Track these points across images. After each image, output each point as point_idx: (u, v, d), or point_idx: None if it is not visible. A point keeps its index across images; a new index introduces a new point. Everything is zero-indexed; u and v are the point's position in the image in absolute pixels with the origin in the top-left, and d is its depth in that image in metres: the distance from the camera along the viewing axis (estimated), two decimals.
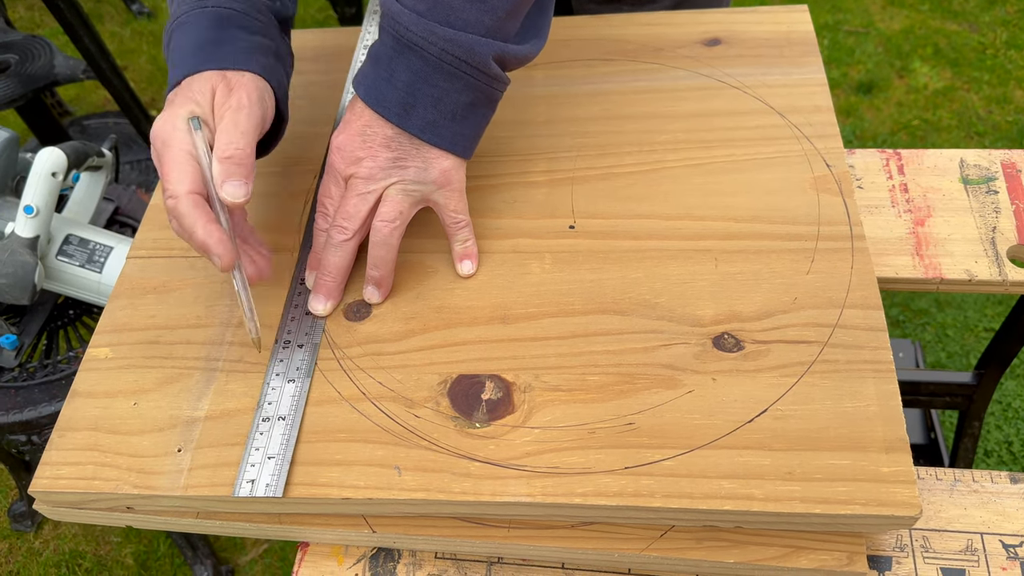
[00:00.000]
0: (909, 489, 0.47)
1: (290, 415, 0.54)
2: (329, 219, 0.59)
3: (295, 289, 0.61)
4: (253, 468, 0.52)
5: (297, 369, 0.56)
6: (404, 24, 0.53)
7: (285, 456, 0.52)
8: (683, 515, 0.49)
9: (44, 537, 1.47)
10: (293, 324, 0.59)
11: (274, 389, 0.55)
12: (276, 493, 0.50)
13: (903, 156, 0.73)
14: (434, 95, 0.55)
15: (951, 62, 2.19)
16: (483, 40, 0.54)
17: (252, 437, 0.53)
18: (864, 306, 0.55)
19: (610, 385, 0.54)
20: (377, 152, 0.56)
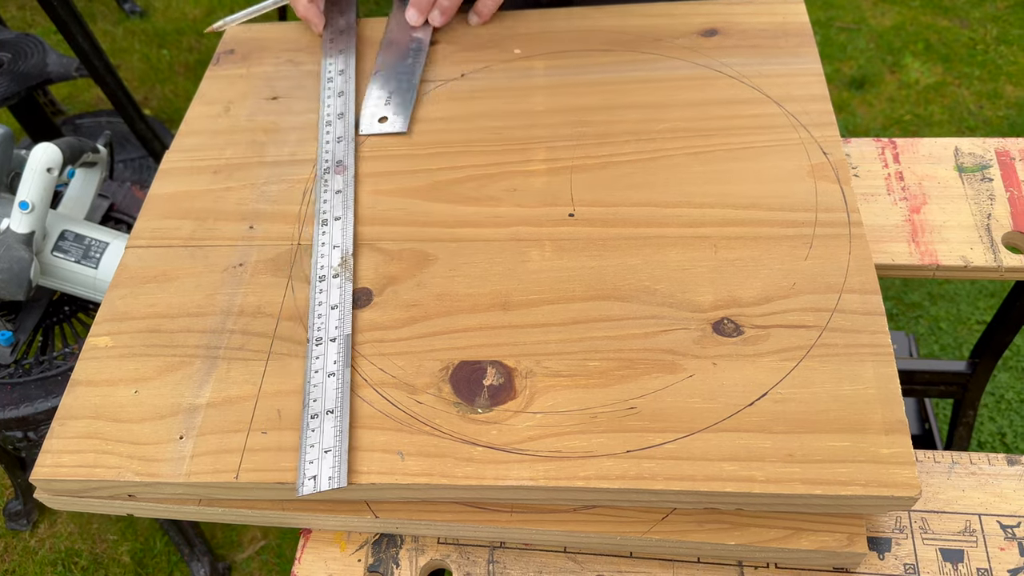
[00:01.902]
0: (908, 470, 0.48)
1: (337, 407, 0.53)
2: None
3: (316, 286, 0.61)
4: (312, 464, 0.51)
5: (335, 363, 0.56)
6: None
7: (341, 447, 0.52)
8: (685, 498, 0.49)
9: (40, 536, 1.47)
10: (320, 320, 0.58)
11: (316, 386, 0.55)
12: (340, 484, 0.50)
13: (898, 145, 0.73)
14: None
15: (942, 57, 2.20)
16: None
17: (304, 435, 0.53)
18: (862, 291, 0.56)
19: (611, 370, 0.54)
20: None
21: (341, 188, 0.64)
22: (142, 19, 2.61)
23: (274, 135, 0.72)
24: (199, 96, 0.78)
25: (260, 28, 0.84)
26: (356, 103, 0.72)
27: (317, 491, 0.50)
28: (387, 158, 0.69)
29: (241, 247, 0.64)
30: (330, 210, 0.63)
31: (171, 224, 0.66)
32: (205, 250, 0.64)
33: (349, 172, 0.65)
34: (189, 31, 2.54)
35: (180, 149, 0.73)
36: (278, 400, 0.55)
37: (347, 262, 0.60)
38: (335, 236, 0.62)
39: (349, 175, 0.65)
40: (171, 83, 2.36)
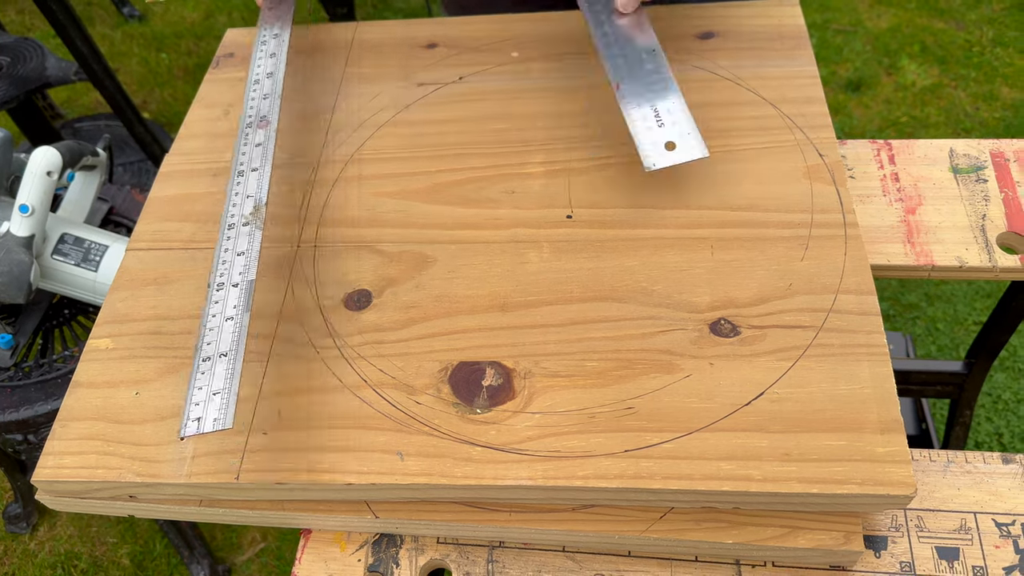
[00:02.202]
0: (904, 468, 0.48)
1: (232, 350, 0.52)
2: None
3: (224, 233, 0.59)
4: (198, 407, 0.50)
5: (235, 307, 0.54)
6: None
7: (231, 389, 0.50)
8: (682, 497, 0.50)
9: (39, 539, 1.47)
10: (224, 267, 0.57)
11: (212, 330, 0.54)
12: (226, 425, 0.49)
13: (894, 146, 0.74)
14: None
15: (938, 59, 2.21)
16: None
17: (193, 378, 0.51)
18: (858, 291, 0.56)
19: (609, 371, 0.54)
20: None
21: (262, 142, 0.65)
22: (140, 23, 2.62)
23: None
24: (199, 99, 0.78)
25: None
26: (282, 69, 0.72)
27: (200, 432, 0.49)
28: (385, 160, 0.69)
29: None
30: (248, 162, 0.63)
31: (171, 227, 0.67)
32: (205, 252, 0.65)
33: (272, 127, 0.65)
34: (188, 35, 2.55)
35: (180, 152, 0.73)
36: (278, 401, 0.55)
37: (259, 211, 0.59)
38: (250, 186, 0.62)
39: (272, 129, 0.65)
40: (170, 87, 2.36)
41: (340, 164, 0.69)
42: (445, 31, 0.81)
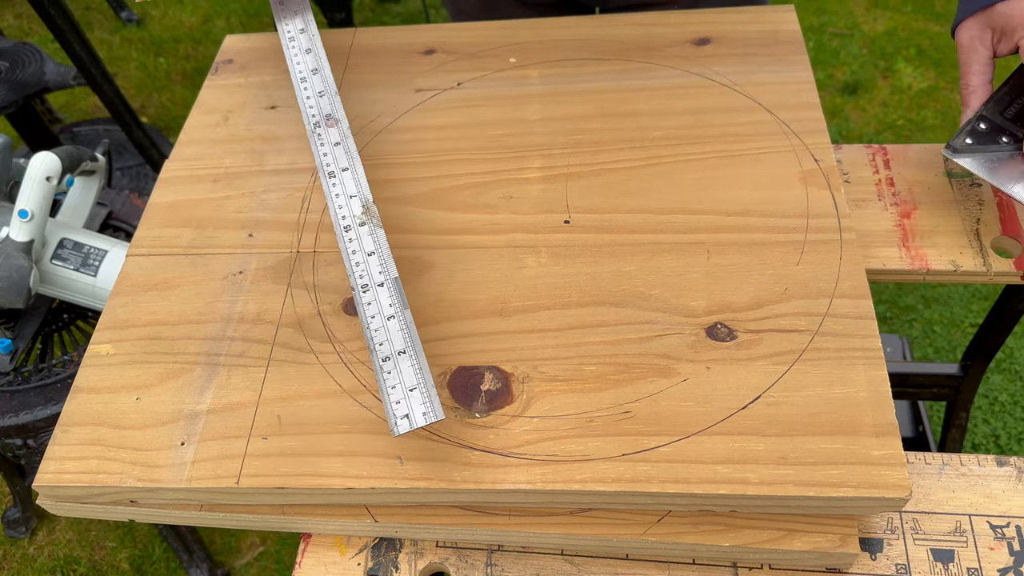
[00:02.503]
0: (899, 471, 0.49)
1: (409, 347, 0.52)
2: None
3: (343, 236, 0.59)
4: (400, 404, 0.50)
5: (391, 305, 0.55)
6: None
7: (427, 382, 0.51)
8: (680, 500, 0.50)
9: (38, 543, 1.47)
10: (360, 268, 0.57)
11: (378, 330, 0.54)
12: (438, 416, 0.49)
13: (889, 151, 0.74)
14: None
15: (935, 62, 2.22)
16: None
17: (381, 378, 0.51)
18: (853, 296, 0.57)
19: (607, 375, 0.55)
20: None
21: (340, 140, 0.65)
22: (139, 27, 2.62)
23: (273, 144, 0.73)
24: (198, 105, 0.78)
25: (259, 38, 0.85)
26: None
27: (414, 428, 0.49)
28: (384, 166, 0.70)
29: (241, 255, 0.65)
30: (334, 162, 0.63)
31: (171, 232, 0.67)
32: (205, 258, 0.65)
33: (343, 124, 0.65)
34: (186, 39, 2.55)
35: (179, 158, 0.73)
36: (278, 406, 0.56)
37: (370, 209, 0.59)
38: (348, 186, 0.62)
39: (344, 127, 0.65)
40: (168, 91, 2.36)
41: None
42: (443, 37, 0.81)
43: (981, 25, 0.68)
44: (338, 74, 0.79)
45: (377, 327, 0.54)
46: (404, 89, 0.77)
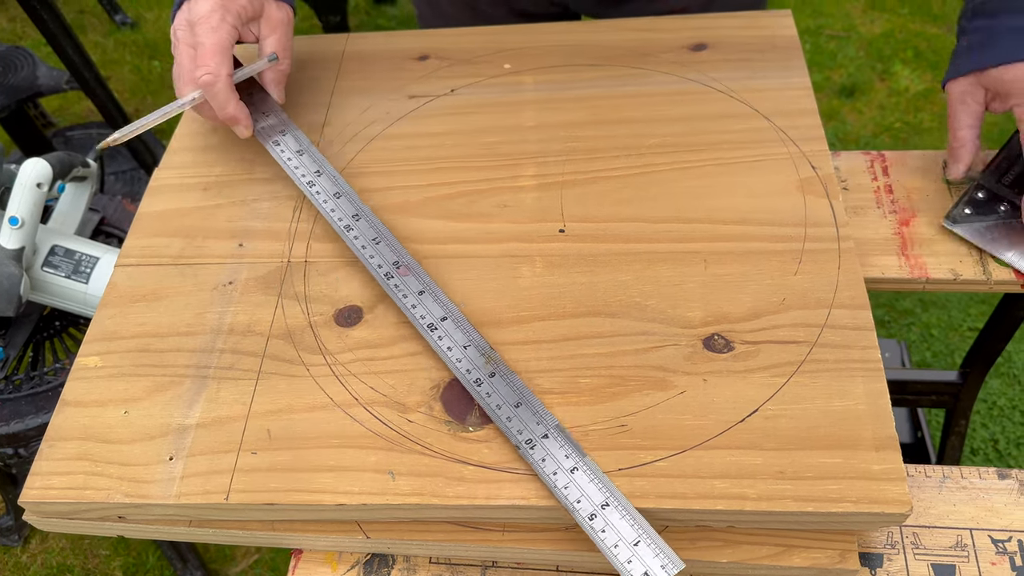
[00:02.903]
0: (899, 486, 0.48)
1: (610, 498, 0.48)
2: None
3: (479, 390, 0.53)
4: (632, 564, 0.46)
5: (567, 457, 0.50)
6: None
7: (647, 531, 0.47)
8: (677, 515, 0.49)
9: (31, 551, 1.46)
10: (514, 423, 0.51)
11: (567, 487, 0.49)
12: (679, 566, 0.46)
13: (887, 158, 0.74)
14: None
15: (932, 65, 2.21)
16: None
17: (598, 539, 0.47)
18: (852, 306, 0.56)
19: (602, 387, 0.54)
20: None
21: (423, 288, 0.58)
22: (133, 30, 2.61)
23: (264, 152, 0.72)
24: (188, 112, 0.77)
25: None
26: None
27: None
28: (377, 174, 0.69)
29: (231, 265, 0.64)
30: (431, 314, 0.57)
31: (160, 242, 0.66)
32: (195, 268, 0.64)
33: (415, 268, 0.60)
34: None
35: (169, 166, 0.72)
36: (268, 420, 0.55)
37: (491, 356, 0.55)
38: (457, 337, 0.56)
39: (412, 266, 0.60)
40: (162, 95, 2.35)
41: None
42: (437, 43, 0.80)
43: (973, 83, 0.67)
44: (330, 80, 0.78)
45: (565, 484, 0.49)
46: (397, 95, 0.76)
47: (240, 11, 0.66)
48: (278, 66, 0.70)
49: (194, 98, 0.65)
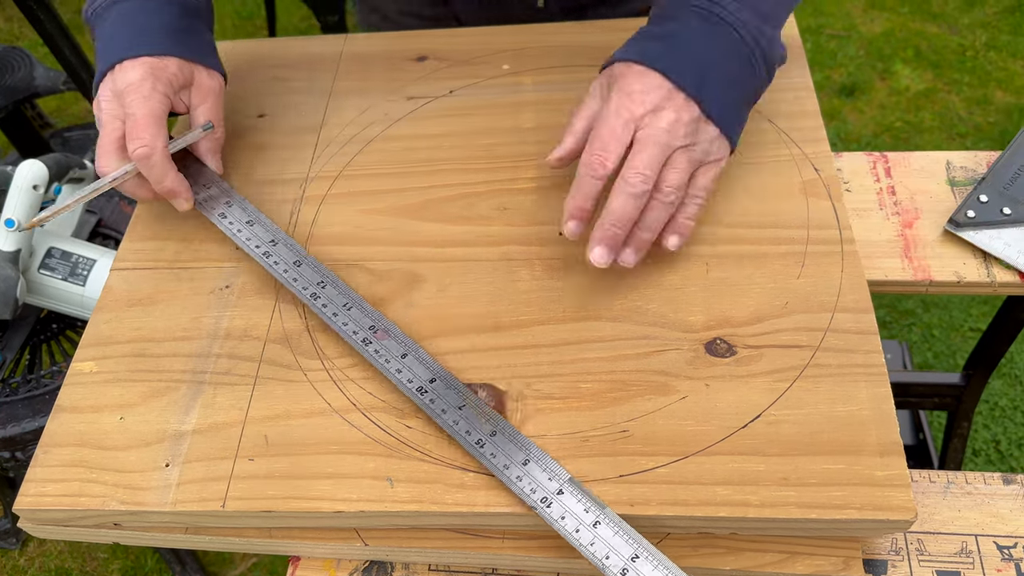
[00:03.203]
0: (904, 493, 0.47)
1: (641, 548, 0.46)
2: (608, 161, 0.55)
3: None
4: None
5: (587, 511, 0.47)
6: (723, 4, 0.56)
7: (664, 563, 0.46)
8: (678, 523, 0.49)
9: (29, 554, 1.45)
10: (524, 483, 0.49)
11: (593, 543, 0.46)
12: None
13: (890, 159, 0.73)
14: (729, 78, 0.57)
15: (932, 64, 2.21)
16: (779, 39, 0.59)
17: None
18: (855, 310, 0.55)
19: (603, 392, 0.53)
20: (682, 108, 0.55)
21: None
22: None
23: (260, 153, 0.72)
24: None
25: (246, 44, 0.83)
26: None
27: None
28: (375, 176, 0.68)
29: (228, 268, 0.63)
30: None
31: (156, 245, 0.66)
32: (191, 272, 0.63)
33: (394, 331, 0.56)
34: None
35: None
36: (265, 426, 0.54)
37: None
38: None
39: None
40: None
41: (329, 180, 0.68)
42: (435, 44, 0.80)
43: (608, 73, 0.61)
44: (328, 82, 0.77)
45: (590, 540, 0.47)
46: (396, 97, 0.75)
47: (171, 79, 0.62)
48: (213, 135, 0.66)
49: (127, 171, 0.61)
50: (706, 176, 0.58)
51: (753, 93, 0.60)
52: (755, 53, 0.57)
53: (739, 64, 0.57)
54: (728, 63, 0.57)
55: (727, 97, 0.57)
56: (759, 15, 0.57)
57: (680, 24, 0.57)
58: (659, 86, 0.55)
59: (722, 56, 0.57)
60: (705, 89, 0.55)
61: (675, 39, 0.57)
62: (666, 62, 0.56)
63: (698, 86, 0.55)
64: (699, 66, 0.56)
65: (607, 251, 0.55)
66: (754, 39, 0.57)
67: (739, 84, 0.58)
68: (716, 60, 0.56)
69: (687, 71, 0.55)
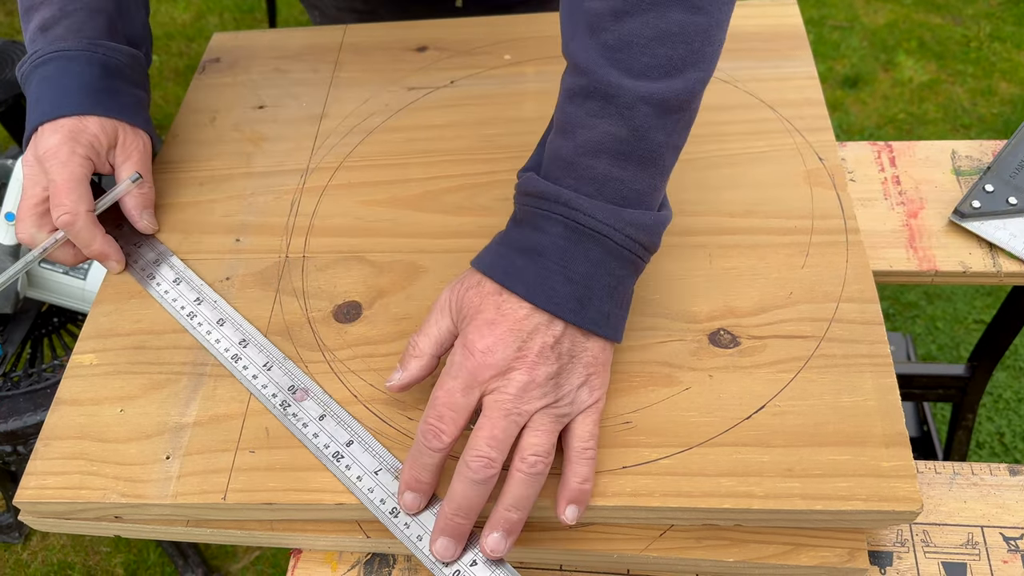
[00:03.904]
0: (910, 484, 0.47)
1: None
2: (446, 435, 0.46)
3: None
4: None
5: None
6: (583, 210, 0.46)
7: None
8: (682, 514, 0.48)
9: (32, 548, 1.45)
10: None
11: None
12: None
13: (895, 148, 0.72)
14: (610, 284, 0.47)
15: (936, 55, 2.20)
16: (659, 215, 0.49)
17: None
18: (860, 300, 0.55)
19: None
20: (536, 366, 0.46)
21: (324, 412, 0.54)
22: None
23: (261, 145, 0.71)
24: (185, 105, 0.76)
25: (246, 36, 0.83)
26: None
27: None
28: (375, 167, 0.68)
29: (228, 260, 0.63)
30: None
31: (157, 237, 0.65)
32: (192, 263, 0.63)
33: (314, 389, 0.54)
34: (178, 36, 2.53)
35: (165, 160, 0.71)
36: (266, 418, 0.54)
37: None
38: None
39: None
40: (160, 88, 2.34)
41: (329, 171, 0.68)
42: (436, 34, 0.79)
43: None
44: (328, 72, 0.77)
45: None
46: (396, 87, 0.74)
47: (91, 141, 0.60)
48: (140, 190, 0.63)
49: (56, 240, 0.60)
50: (585, 424, 0.48)
51: (634, 282, 0.50)
52: (632, 249, 0.48)
53: (618, 267, 0.48)
54: (603, 275, 0.47)
55: (605, 308, 0.48)
56: (623, 199, 0.47)
57: (544, 236, 0.47)
58: (510, 331, 0.46)
59: (595, 267, 0.47)
60: (582, 313, 0.47)
61: (540, 257, 0.47)
62: (528, 287, 0.46)
63: (574, 311, 0.46)
64: (571, 287, 0.46)
65: (452, 543, 0.47)
66: (628, 237, 0.47)
67: (619, 290, 0.48)
68: (590, 273, 0.47)
69: (556, 296, 0.46)
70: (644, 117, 0.46)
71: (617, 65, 0.46)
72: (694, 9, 0.46)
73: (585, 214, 0.46)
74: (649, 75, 0.46)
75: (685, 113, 0.48)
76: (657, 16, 0.46)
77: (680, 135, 0.49)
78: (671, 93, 0.46)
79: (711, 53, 0.48)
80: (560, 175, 0.48)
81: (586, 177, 0.47)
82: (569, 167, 0.48)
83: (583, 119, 0.47)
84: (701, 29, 0.47)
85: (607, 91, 0.46)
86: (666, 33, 0.46)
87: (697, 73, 0.47)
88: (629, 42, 0.46)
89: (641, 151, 0.47)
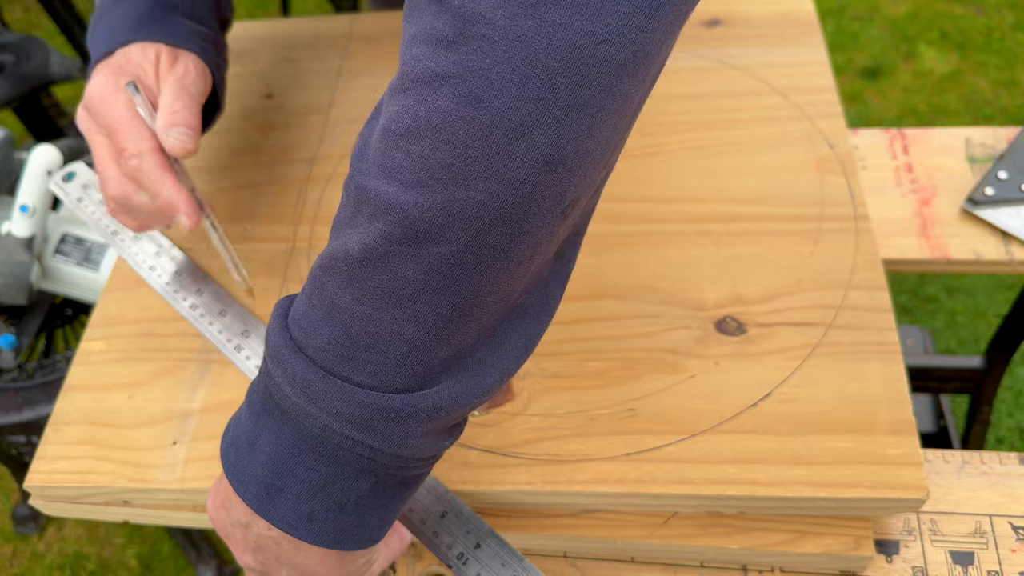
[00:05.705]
0: (916, 471, 0.46)
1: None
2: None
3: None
4: None
5: (503, 566, 0.46)
6: (279, 385, 0.35)
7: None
8: (686, 501, 0.48)
9: (48, 540, 1.47)
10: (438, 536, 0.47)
11: None
12: None
13: (908, 136, 0.71)
14: (312, 481, 0.35)
15: (957, 46, 2.17)
16: (399, 398, 0.34)
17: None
18: (869, 287, 0.54)
19: (610, 371, 0.53)
20: (242, 551, 0.39)
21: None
22: None
23: (269, 134, 0.71)
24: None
25: (255, 25, 0.83)
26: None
27: None
28: None
29: (235, 248, 0.63)
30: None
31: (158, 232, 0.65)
32: (199, 251, 0.63)
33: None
34: None
35: None
36: None
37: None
38: None
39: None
40: None
41: (336, 160, 0.68)
42: None
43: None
44: (336, 61, 0.77)
45: None
46: None
47: (135, 72, 0.53)
48: (170, 109, 0.52)
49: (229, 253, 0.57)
50: None
51: (374, 492, 0.37)
52: (347, 447, 0.35)
53: (325, 464, 0.35)
54: (300, 467, 0.35)
55: (305, 508, 0.36)
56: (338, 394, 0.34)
57: (246, 407, 0.38)
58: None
59: (292, 456, 0.35)
60: (270, 505, 0.36)
61: (239, 437, 0.37)
62: (229, 464, 0.37)
63: (259, 499, 0.36)
64: (264, 471, 0.36)
65: None
66: (335, 432, 0.34)
67: (327, 489, 0.35)
68: (284, 459, 0.35)
69: (248, 479, 0.36)
70: None
71: None
72: None
73: (281, 390, 0.35)
74: None
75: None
76: None
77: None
78: None
79: None
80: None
81: None
82: None
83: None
84: None
85: None
86: None
87: None
88: None
89: None
